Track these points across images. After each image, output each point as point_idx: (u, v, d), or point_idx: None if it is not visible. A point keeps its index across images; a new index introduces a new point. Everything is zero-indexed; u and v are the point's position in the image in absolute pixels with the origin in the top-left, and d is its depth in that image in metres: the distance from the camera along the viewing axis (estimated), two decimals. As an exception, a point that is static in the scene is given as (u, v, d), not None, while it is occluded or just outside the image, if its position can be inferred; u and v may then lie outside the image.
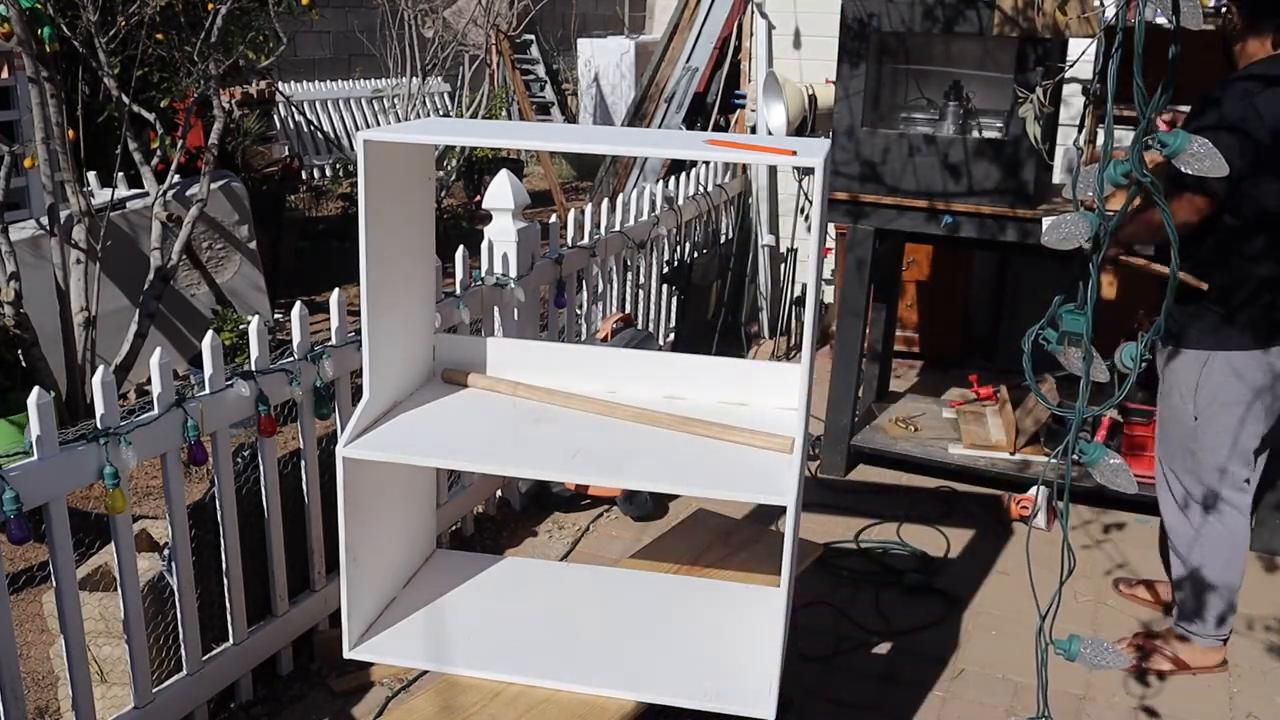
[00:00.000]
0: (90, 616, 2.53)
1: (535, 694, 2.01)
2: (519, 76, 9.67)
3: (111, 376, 2.31)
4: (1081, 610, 3.21)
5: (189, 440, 2.46)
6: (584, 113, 11.13)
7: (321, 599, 2.97)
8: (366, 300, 2.02)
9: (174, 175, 4.70)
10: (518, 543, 3.68)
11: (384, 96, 9.27)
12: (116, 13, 4.30)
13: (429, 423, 2.15)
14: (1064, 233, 1.13)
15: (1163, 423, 2.88)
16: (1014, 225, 3.66)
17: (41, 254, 4.35)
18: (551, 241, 3.92)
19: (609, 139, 2.09)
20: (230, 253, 5.62)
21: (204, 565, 2.65)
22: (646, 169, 6.39)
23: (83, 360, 4.14)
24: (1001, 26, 3.51)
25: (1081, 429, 1.14)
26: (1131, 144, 1.08)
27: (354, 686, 2.86)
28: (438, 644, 2.15)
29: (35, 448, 2.16)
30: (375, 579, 2.20)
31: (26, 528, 2.11)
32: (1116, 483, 1.16)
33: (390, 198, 2.06)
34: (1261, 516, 3.58)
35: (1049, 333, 1.20)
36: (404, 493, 2.32)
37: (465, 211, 8.10)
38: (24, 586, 3.17)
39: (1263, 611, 3.26)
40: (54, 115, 3.89)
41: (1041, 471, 3.76)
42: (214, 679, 2.67)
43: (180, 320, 5.24)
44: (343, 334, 2.91)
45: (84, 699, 2.32)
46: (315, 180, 8.97)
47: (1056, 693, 2.80)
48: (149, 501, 3.84)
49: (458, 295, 3.34)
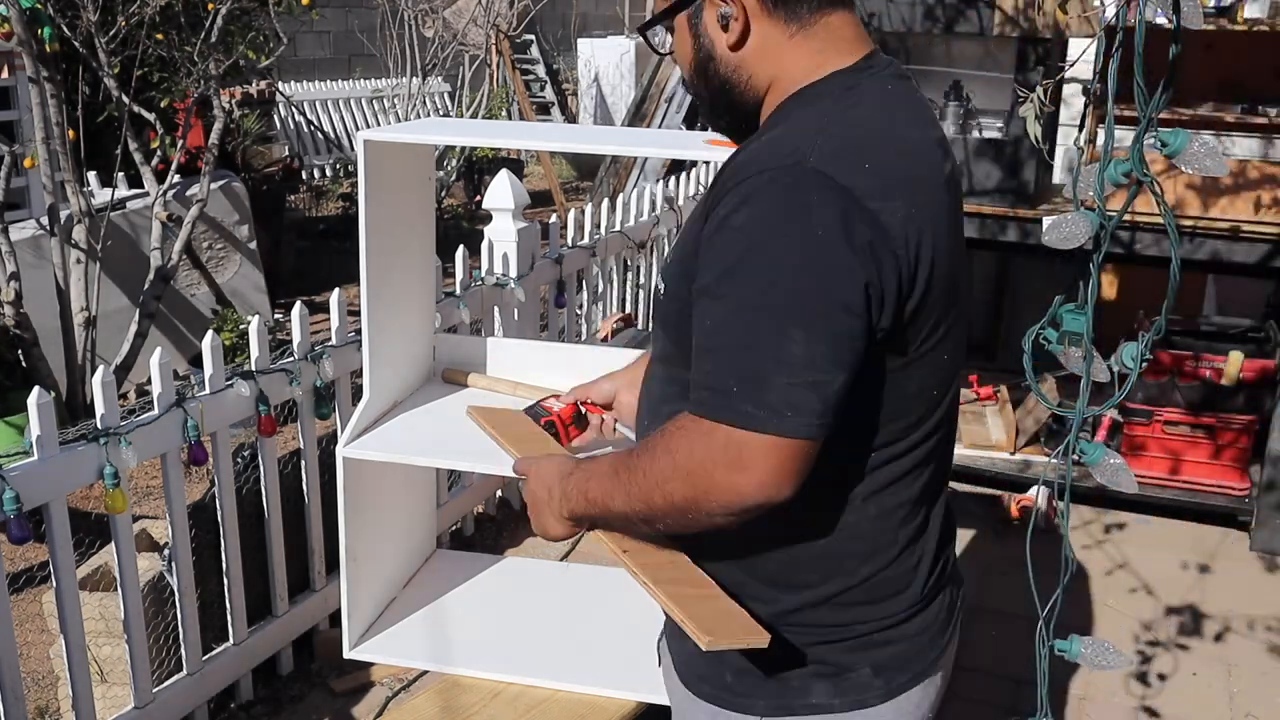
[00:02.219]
0: (90, 616, 2.53)
1: (535, 694, 2.01)
2: (519, 76, 9.66)
3: (111, 376, 2.30)
4: (1082, 610, 3.21)
5: (189, 440, 2.46)
6: (584, 113, 11.13)
7: (321, 599, 2.97)
8: (366, 300, 2.02)
9: (174, 175, 4.70)
10: (518, 543, 3.68)
11: (384, 96, 9.26)
12: (116, 13, 4.29)
13: (429, 423, 2.15)
14: (1064, 232, 1.13)
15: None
16: (1014, 225, 3.66)
17: (42, 254, 4.35)
18: (551, 241, 3.92)
19: (609, 139, 2.09)
20: (230, 253, 5.62)
21: (204, 565, 2.65)
22: (646, 169, 6.39)
23: (83, 360, 4.14)
24: (1002, 26, 3.51)
25: (1082, 429, 1.14)
26: (1132, 143, 1.08)
27: (354, 686, 2.86)
28: (438, 644, 2.15)
29: (35, 448, 2.16)
30: (375, 579, 2.20)
31: (26, 528, 2.11)
32: (1117, 483, 1.16)
33: (390, 198, 2.06)
34: (1262, 517, 3.58)
35: (1049, 332, 1.20)
36: (404, 493, 2.32)
37: (465, 211, 8.10)
38: (24, 586, 3.17)
39: (1263, 611, 3.26)
40: (54, 115, 3.89)
41: (1042, 471, 3.76)
42: (214, 679, 2.66)
43: (180, 320, 5.24)
44: (343, 334, 2.91)
45: (84, 699, 2.32)
46: (315, 180, 8.96)
47: (1057, 692, 2.80)
48: (149, 501, 3.84)
49: (458, 295, 3.34)
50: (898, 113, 1.17)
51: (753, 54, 1.18)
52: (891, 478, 1.20)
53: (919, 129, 1.18)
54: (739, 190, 1.08)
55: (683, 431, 1.10)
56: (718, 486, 1.07)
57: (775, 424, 1.04)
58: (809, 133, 1.10)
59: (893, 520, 1.21)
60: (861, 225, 1.06)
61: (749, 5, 1.16)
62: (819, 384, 1.05)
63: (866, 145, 1.11)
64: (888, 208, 1.08)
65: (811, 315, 1.05)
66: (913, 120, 1.18)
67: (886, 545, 1.21)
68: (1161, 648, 3.10)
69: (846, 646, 1.22)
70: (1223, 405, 3.65)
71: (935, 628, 1.28)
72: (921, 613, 1.25)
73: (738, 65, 1.19)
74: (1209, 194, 3.55)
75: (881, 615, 1.22)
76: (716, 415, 1.06)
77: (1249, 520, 3.67)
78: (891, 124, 1.16)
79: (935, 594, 1.28)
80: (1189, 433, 3.70)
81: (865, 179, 1.08)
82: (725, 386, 1.06)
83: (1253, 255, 3.54)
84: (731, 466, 1.06)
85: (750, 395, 1.04)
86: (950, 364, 1.22)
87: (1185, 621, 3.23)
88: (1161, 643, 3.12)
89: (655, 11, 1.26)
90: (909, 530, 1.23)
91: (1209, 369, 3.67)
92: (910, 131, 1.17)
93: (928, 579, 1.26)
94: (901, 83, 1.21)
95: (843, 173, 1.07)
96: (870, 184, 1.08)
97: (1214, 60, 3.68)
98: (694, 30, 1.20)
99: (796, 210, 1.05)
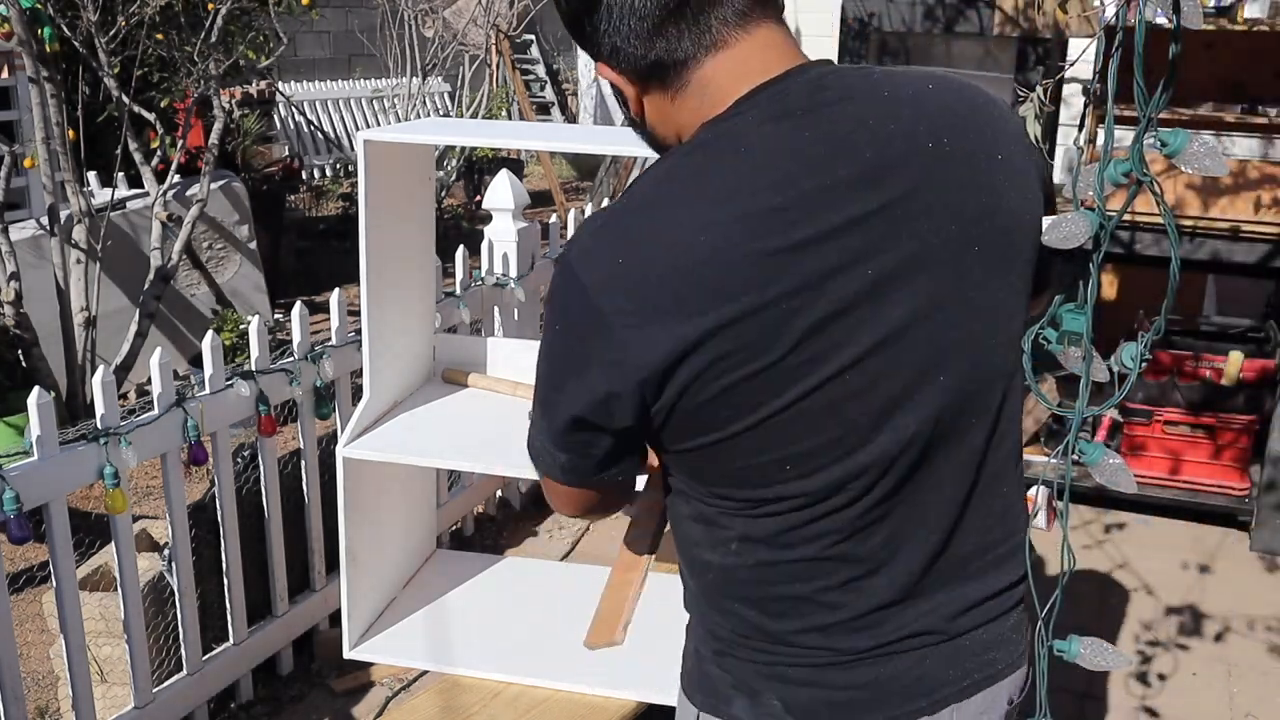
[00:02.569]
0: (90, 616, 2.53)
1: (535, 694, 2.01)
2: (519, 76, 9.66)
3: (112, 376, 2.30)
4: (1081, 610, 3.21)
5: (189, 440, 2.46)
6: (584, 113, 11.12)
7: (321, 599, 2.97)
8: (366, 300, 2.02)
9: (174, 175, 4.70)
10: (518, 543, 3.68)
11: (384, 96, 9.26)
12: (116, 13, 4.29)
13: (429, 423, 2.15)
14: (1064, 232, 1.13)
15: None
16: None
17: (42, 254, 4.35)
18: (552, 241, 3.92)
19: (609, 139, 2.09)
20: (230, 253, 5.62)
21: (204, 565, 2.65)
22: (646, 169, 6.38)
23: (83, 360, 4.14)
24: (1002, 26, 3.51)
25: (1081, 429, 1.14)
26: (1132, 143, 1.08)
27: (354, 686, 2.86)
28: (438, 644, 2.15)
29: (35, 448, 2.16)
30: (375, 579, 2.20)
31: (26, 528, 2.11)
32: (1117, 483, 1.16)
33: (390, 198, 2.06)
34: (1262, 517, 3.58)
35: (1049, 332, 1.19)
36: (404, 493, 2.32)
37: (465, 211, 8.10)
38: (24, 586, 3.17)
39: (1263, 611, 3.26)
40: (54, 115, 3.89)
41: (1041, 471, 3.76)
42: (214, 679, 2.67)
43: (180, 320, 5.24)
44: (343, 334, 2.91)
45: (84, 699, 2.32)
46: (315, 180, 8.96)
47: (1057, 692, 2.80)
48: (149, 501, 3.84)
49: (458, 295, 3.34)
50: (711, 182, 1.03)
51: (652, 119, 1.15)
52: (772, 531, 1.12)
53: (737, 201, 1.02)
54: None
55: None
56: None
57: (533, 458, 1.23)
58: (595, 220, 1.09)
59: (787, 571, 1.14)
60: (590, 330, 1.05)
61: (630, 80, 1.12)
62: (548, 452, 1.19)
63: (626, 240, 1.05)
64: (623, 311, 1.02)
65: (542, 398, 1.15)
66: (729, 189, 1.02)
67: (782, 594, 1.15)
68: (1161, 648, 3.10)
69: (757, 672, 1.19)
70: (1223, 405, 3.65)
71: (894, 691, 1.17)
72: (855, 667, 1.16)
73: (654, 129, 1.17)
74: (1209, 194, 3.55)
75: (797, 651, 1.16)
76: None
77: (1249, 520, 3.67)
78: (676, 207, 1.04)
79: (892, 655, 1.17)
80: (1189, 433, 3.70)
81: (608, 280, 1.04)
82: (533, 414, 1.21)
83: (1253, 255, 3.54)
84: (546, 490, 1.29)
85: (530, 430, 1.21)
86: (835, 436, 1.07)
87: (1185, 621, 3.23)
88: (1161, 643, 3.12)
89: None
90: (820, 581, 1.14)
91: (1209, 369, 3.67)
92: (710, 212, 1.02)
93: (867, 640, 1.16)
94: (777, 125, 1.04)
95: (590, 271, 1.05)
96: (612, 286, 1.03)
97: (1214, 60, 3.69)
98: (619, 101, 1.19)
99: (554, 296, 1.09)
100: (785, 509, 1.11)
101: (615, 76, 1.12)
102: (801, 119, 1.05)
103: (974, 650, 1.21)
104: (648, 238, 1.04)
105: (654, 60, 1.08)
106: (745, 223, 1.02)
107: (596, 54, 1.12)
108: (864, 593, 1.15)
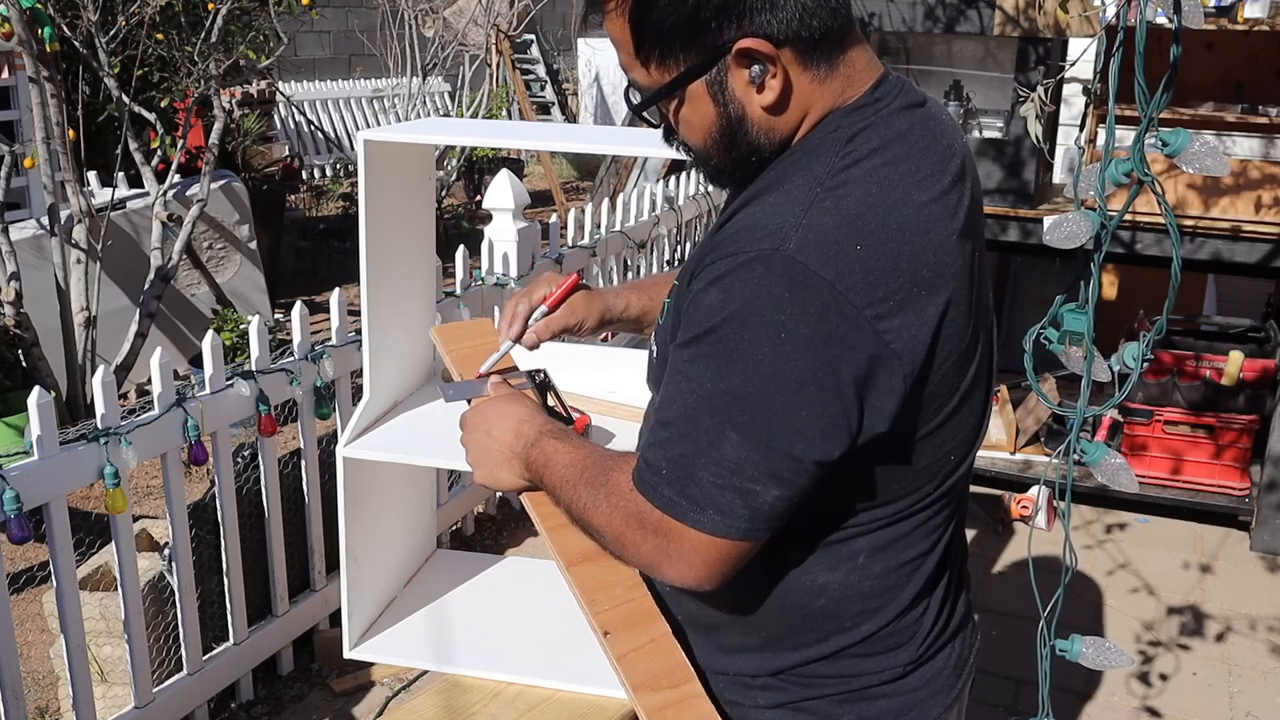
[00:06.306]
0: (90, 616, 2.53)
1: (535, 694, 2.01)
2: (519, 76, 9.66)
3: (112, 376, 2.30)
4: (1083, 610, 3.21)
5: (189, 440, 2.46)
6: (584, 113, 11.13)
7: (321, 599, 2.97)
8: (366, 300, 2.02)
9: (174, 175, 4.69)
10: (518, 543, 3.68)
11: (384, 96, 9.26)
12: (116, 13, 4.30)
13: (429, 422, 2.15)
14: (1066, 232, 1.13)
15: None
16: (1015, 225, 3.65)
17: (42, 254, 4.35)
18: (552, 241, 3.92)
19: (609, 139, 2.08)
20: (230, 253, 5.61)
21: (204, 565, 2.65)
22: (647, 169, 6.39)
23: (83, 360, 4.14)
24: (1002, 26, 3.51)
25: (1082, 428, 1.14)
26: (1133, 143, 1.08)
27: (354, 686, 2.86)
28: (438, 644, 2.15)
29: (35, 448, 2.16)
30: (375, 579, 2.20)
31: (27, 528, 2.11)
32: (1118, 482, 1.16)
33: (390, 198, 2.06)
34: (1262, 517, 3.58)
35: (1050, 332, 1.19)
36: (404, 493, 2.32)
37: (465, 211, 8.10)
38: (24, 586, 3.17)
39: (1263, 612, 3.26)
40: (54, 115, 3.89)
41: (1042, 471, 3.76)
42: (214, 679, 2.66)
43: (180, 320, 5.24)
44: (343, 334, 2.91)
45: (84, 699, 2.32)
46: (315, 180, 8.96)
47: (1058, 692, 2.80)
48: (149, 501, 3.84)
49: (458, 295, 3.34)
50: (901, 167, 1.01)
51: (770, 104, 1.01)
52: (898, 535, 1.11)
53: (926, 185, 1.01)
54: (715, 267, 0.97)
55: (624, 498, 1.05)
56: (643, 558, 1.05)
57: (695, 518, 0.98)
58: (794, 208, 0.96)
59: (898, 577, 1.13)
60: (840, 330, 0.93)
61: (786, 59, 0.99)
62: (746, 491, 0.97)
63: (858, 226, 0.96)
64: (876, 301, 0.94)
65: (752, 424, 0.95)
66: (915, 172, 1.01)
67: (889, 602, 1.13)
68: (1162, 648, 3.10)
69: (838, 699, 1.16)
70: (1223, 405, 3.65)
71: (940, 681, 1.21)
72: (921, 668, 1.18)
73: (770, 127, 1.03)
74: (1210, 194, 3.55)
75: (878, 669, 1.15)
76: (645, 493, 1.02)
77: (1249, 520, 3.67)
78: (890, 189, 0.99)
79: (942, 647, 1.21)
80: (1189, 433, 3.70)
81: (851, 270, 0.94)
82: (657, 465, 1.01)
83: (1253, 255, 3.54)
84: (657, 550, 1.02)
85: (675, 482, 0.99)
86: (975, 420, 1.12)
87: (1186, 621, 3.23)
88: (1162, 643, 3.12)
89: (655, 83, 1.04)
90: (915, 585, 1.14)
91: (1210, 369, 3.67)
92: (913, 194, 1.00)
93: (931, 631, 1.18)
94: (910, 114, 1.05)
95: (823, 262, 0.94)
96: (858, 276, 0.94)
97: (1214, 60, 3.69)
98: (717, 97, 1.02)
99: (765, 305, 0.93)
100: (910, 510, 1.11)
101: (757, 44, 0.97)
102: (923, 111, 1.08)
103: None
104: (880, 222, 0.97)
105: (828, 31, 1.01)
106: (940, 204, 1.03)
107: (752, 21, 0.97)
108: (940, 585, 1.20)
